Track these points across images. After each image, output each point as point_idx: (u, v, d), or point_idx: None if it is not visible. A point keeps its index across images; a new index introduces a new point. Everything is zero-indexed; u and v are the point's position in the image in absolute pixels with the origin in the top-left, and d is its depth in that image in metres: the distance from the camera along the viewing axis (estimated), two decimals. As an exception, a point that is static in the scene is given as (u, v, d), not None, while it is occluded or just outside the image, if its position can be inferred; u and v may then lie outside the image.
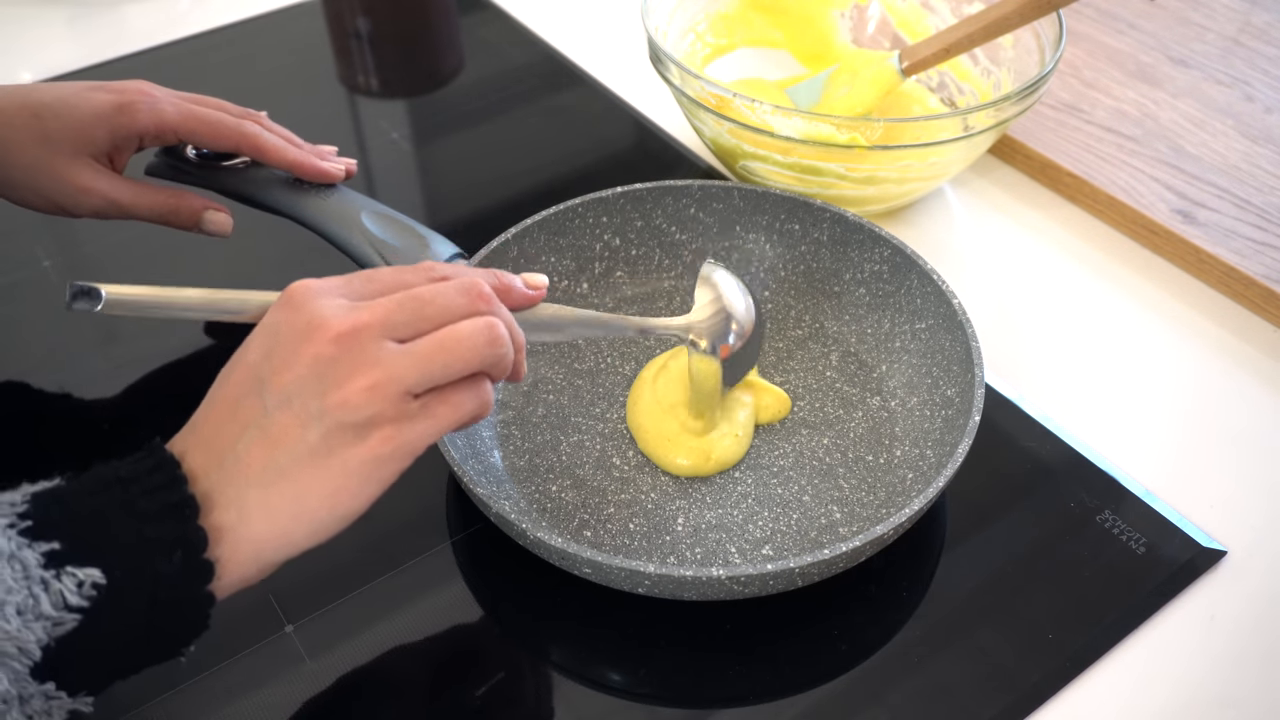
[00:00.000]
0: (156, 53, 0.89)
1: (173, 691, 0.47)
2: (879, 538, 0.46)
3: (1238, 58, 0.82)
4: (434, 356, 0.39)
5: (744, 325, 0.55)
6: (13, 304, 0.67)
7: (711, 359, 0.54)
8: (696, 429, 0.56)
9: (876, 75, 0.71)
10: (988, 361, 0.59)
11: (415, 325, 0.40)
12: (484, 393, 0.41)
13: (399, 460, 0.39)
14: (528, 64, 0.89)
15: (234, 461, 0.38)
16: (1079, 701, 0.48)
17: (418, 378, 0.39)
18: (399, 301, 0.40)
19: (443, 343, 0.39)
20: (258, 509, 0.37)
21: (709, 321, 0.54)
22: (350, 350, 0.38)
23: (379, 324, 0.39)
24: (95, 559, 0.35)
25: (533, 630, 0.50)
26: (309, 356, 0.38)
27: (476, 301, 0.41)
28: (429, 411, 0.40)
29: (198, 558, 0.36)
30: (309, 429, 0.38)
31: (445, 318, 0.40)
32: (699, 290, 0.55)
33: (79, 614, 0.34)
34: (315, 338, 0.38)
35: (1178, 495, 0.55)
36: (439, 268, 0.44)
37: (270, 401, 0.38)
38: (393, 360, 0.38)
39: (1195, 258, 0.67)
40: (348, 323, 0.38)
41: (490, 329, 0.40)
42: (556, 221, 0.62)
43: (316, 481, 0.38)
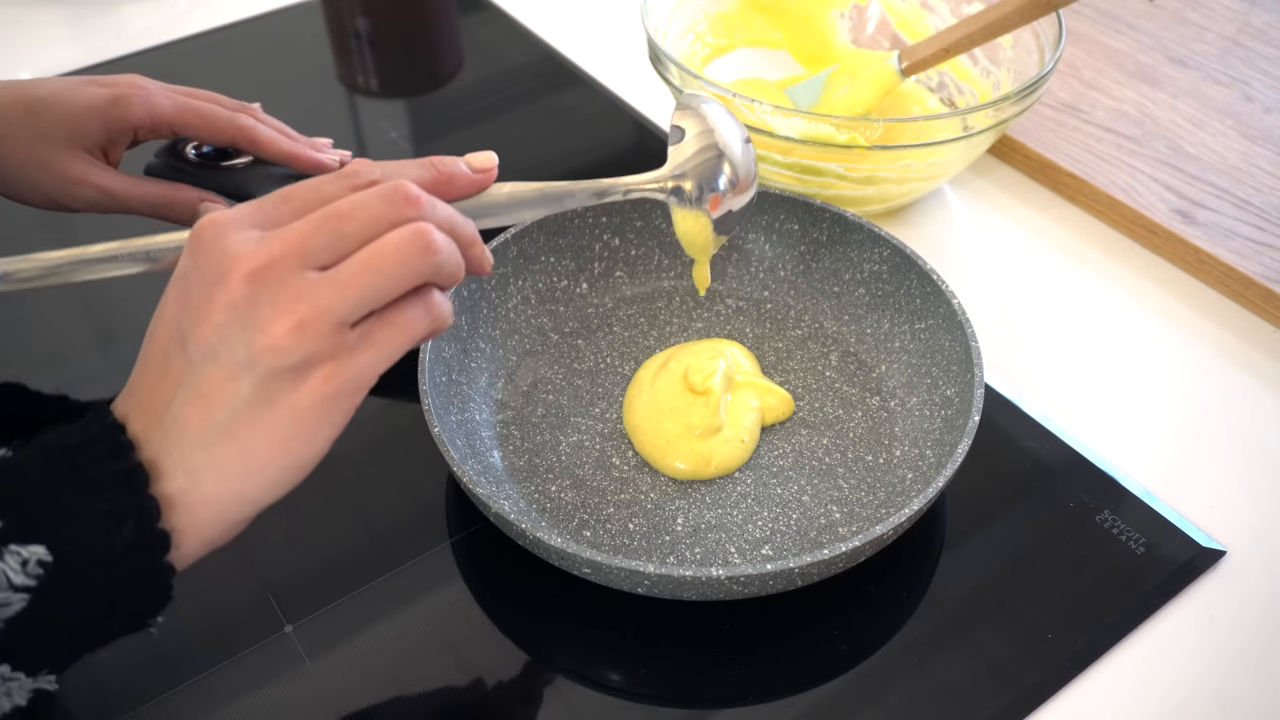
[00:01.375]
0: (156, 53, 0.89)
1: (173, 691, 0.47)
2: (879, 538, 0.46)
3: (1237, 58, 0.82)
4: (361, 279, 0.35)
5: (740, 169, 0.47)
6: (13, 304, 0.67)
7: (699, 213, 0.47)
8: (698, 430, 0.55)
9: (876, 75, 0.71)
10: (987, 361, 0.59)
11: (337, 247, 0.36)
12: (432, 306, 0.37)
13: (348, 397, 0.36)
14: (528, 64, 0.89)
15: (172, 423, 0.35)
16: (1078, 701, 0.48)
17: (348, 306, 0.35)
18: (314, 223, 0.36)
19: (368, 262, 0.35)
20: (207, 471, 0.35)
21: (695, 161, 0.46)
22: (268, 287, 0.34)
23: (295, 252, 0.35)
24: (39, 536, 0.33)
25: (532, 630, 0.50)
26: (224, 301, 0.34)
27: (403, 207, 0.37)
28: (370, 339, 0.36)
29: (151, 528, 0.34)
30: (241, 380, 0.35)
31: (369, 232, 0.36)
32: (681, 121, 0.47)
33: (26, 593, 0.33)
34: (228, 279, 0.34)
35: (1177, 495, 0.55)
36: (364, 172, 0.39)
37: (195, 355, 0.35)
38: (316, 291, 0.35)
39: (1195, 258, 0.67)
40: (260, 257, 0.35)
41: (420, 236, 0.36)
42: (556, 221, 0.62)
43: (261, 434, 0.35)
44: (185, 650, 0.49)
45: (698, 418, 0.55)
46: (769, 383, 0.59)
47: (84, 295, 0.69)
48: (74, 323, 0.67)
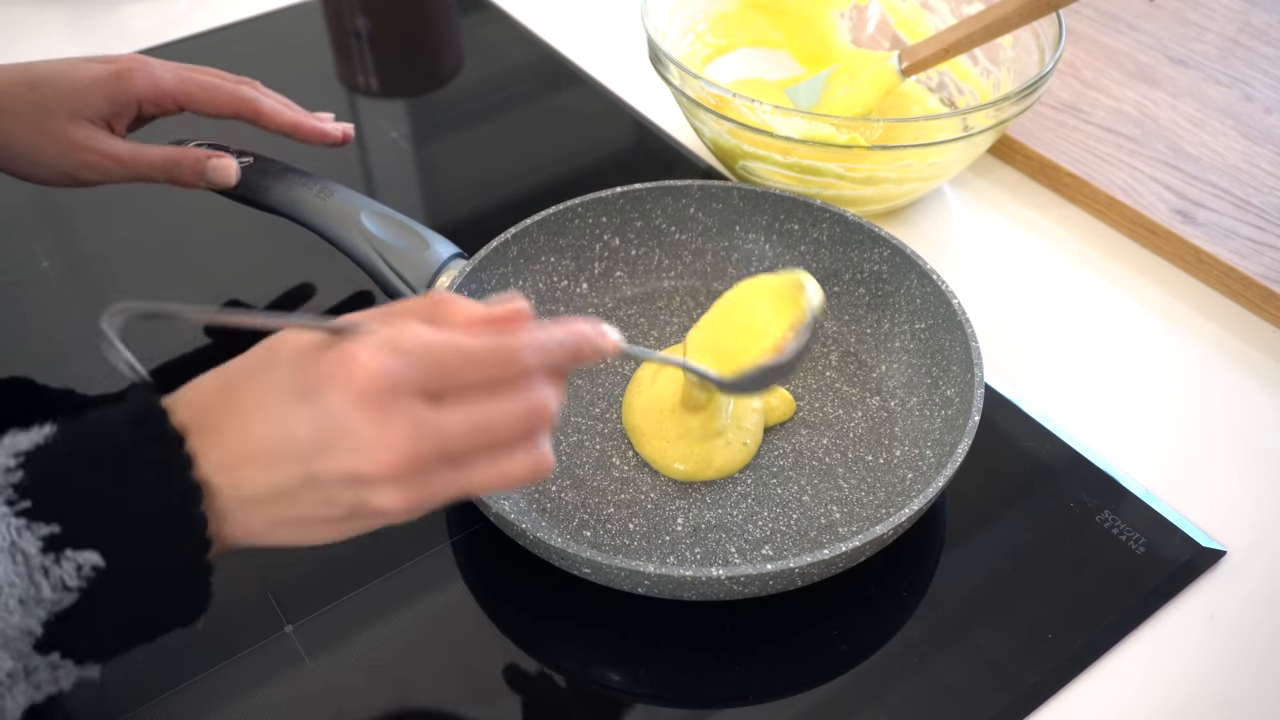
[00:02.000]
0: (156, 53, 0.89)
1: (173, 691, 0.47)
2: (879, 538, 0.46)
3: (1237, 58, 0.82)
4: (466, 446, 0.36)
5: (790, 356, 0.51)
6: (13, 304, 0.67)
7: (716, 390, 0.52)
8: (699, 432, 0.55)
9: (876, 75, 0.71)
10: (987, 361, 0.59)
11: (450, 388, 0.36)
12: (541, 460, 0.38)
13: (398, 519, 0.37)
14: (528, 64, 0.89)
15: (252, 498, 0.36)
16: (1079, 701, 0.48)
17: (454, 449, 0.36)
18: (468, 428, 0.36)
19: (486, 425, 0.36)
20: (259, 533, 0.37)
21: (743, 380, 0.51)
22: (405, 478, 0.36)
23: (439, 452, 0.36)
24: (93, 541, 0.34)
25: (532, 630, 0.50)
26: (364, 475, 0.35)
27: (522, 393, 0.37)
28: (462, 480, 0.37)
29: (198, 540, 0.36)
30: (334, 509, 0.36)
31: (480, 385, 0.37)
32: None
33: (78, 593, 0.34)
34: (374, 459, 0.35)
35: (1177, 495, 0.55)
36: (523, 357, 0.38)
37: (309, 487, 0.36)
38: (442, 485, 0.36)
39: (1195, 258, 0.67)
40: (407, 453, 0.35)
41: (536, 459, 0.37)
42: (556, 221, 0.62)
43: (324, 530, 0.38)
44: (185, 650, 0.49)
45: (699, 420, 0.55)
46: None
47: (84, 295, 0.69)
48: (74, 323, 0.67)
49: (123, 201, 0.74)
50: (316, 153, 0.78)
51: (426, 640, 0.50)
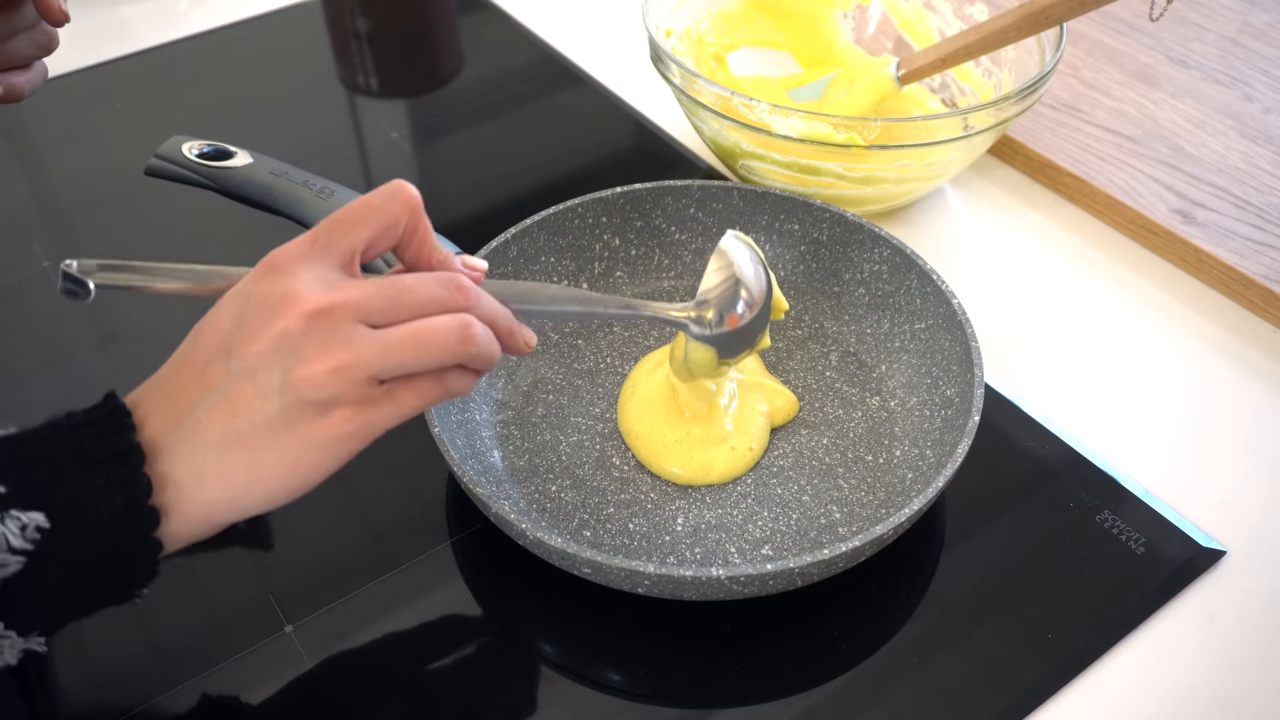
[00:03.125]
0: (156, 53, 0.89)
1: (173, 691, 0.47)
2: (879, 538, 0.46)
3: (1237, 58, 0.82)
4: (404, 348, 0.39)
5: (754, 294, 0.52)
6: (13, 304, 0.67)
7: (707, 348, 0.52)
8: (700, 439, 0.55)
9: (872, 81, 0.71)
10: (987, 361, 0.59)
11: (391, 313, 0.39)
12: (450, 382, 0.41)
13: (358, 440, 0.39)
14: (528, 64, 0.89)
15: (193, 423, 0.38)
16: (1079, 701, 0.48)
17: (385, 366, 0.38)
18: (378, 286, 0.39)
19: (415, 334, 0.39)
20: (212, 472, 0.38)
21: (716, 291, 0.51)
22: (321, 329, 0.38)
23: (355, 306, 0.38)
24: (38, 503, 0.35)
25: (532, 630, 0.50)
26: (279, 329, 0.38)
27: (456, 295, 0.41)
28: (393, 397, 0.39)
29: (142, 503, 0.36)
30: (269, 400, 0.38)
31: (423, 309, 0.40)
32: (712, 261, 0.52)
33: (23, 556, 0.35)
34: (288, 311, 0.38)
35: (1177, 495, 0.55)
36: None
37: (235, 368, 0.38)
38: (363, 345, 0.38)
39: (1195, 258, 0.67)
40: (324, 301, 0.38)
41: (465, 327, 0.40)
42: (556, 221, 0.62)
43: (272, 452, 0.38)
44: (185, 650, 0.49)
45: (700, 426, 0.55)
46: (776, 383, 0.59)
47: (84, 295, 0.69)
48: (74, 323, 0.67)
49: (123, 201, 0.74)
50: (316, 153, 0.79)
51: (426, 640, 0.50)
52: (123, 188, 0.75)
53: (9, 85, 0.57)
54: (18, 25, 0.55)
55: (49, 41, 0.57)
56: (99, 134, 0.81)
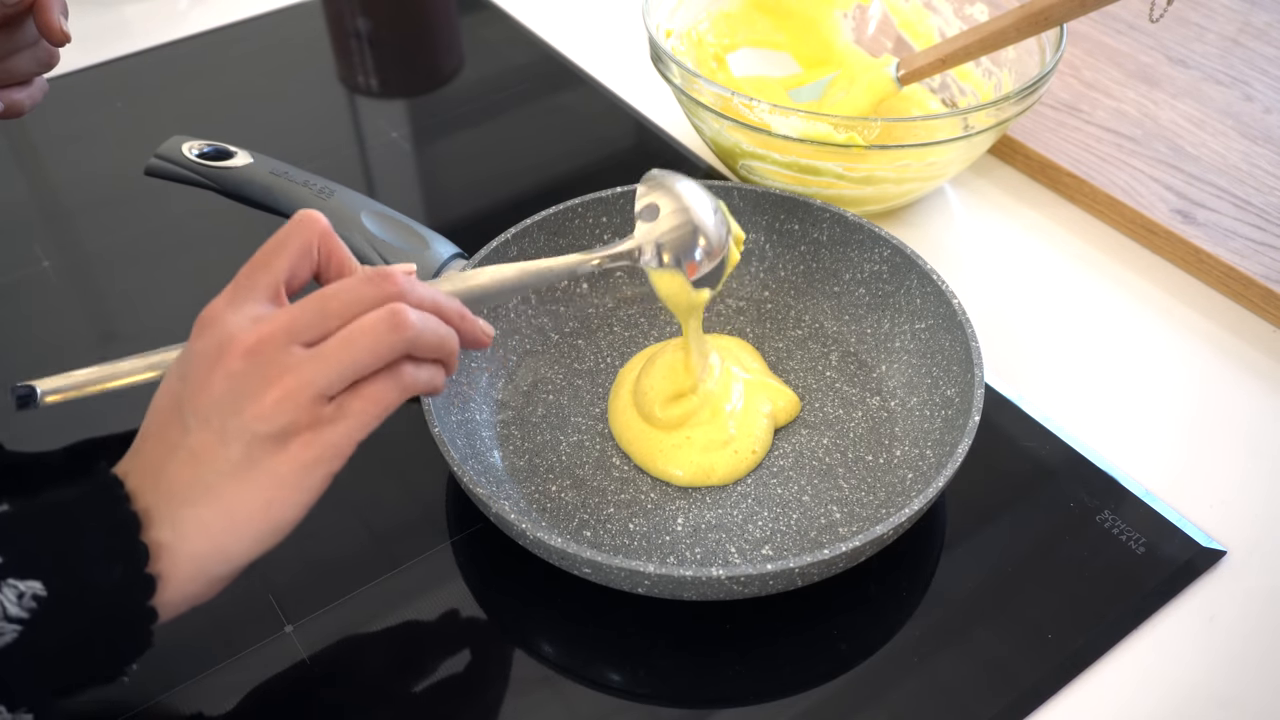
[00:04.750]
0: (156, 53, 0.89)
1: (173, 691, 0.47)
2: (879, 538, 0.46)
3: (1237, 58, 0.82)
4: (338, 354, 0.38)
5: (712, 238, 0.50)
6: (13, 304, 0.67)
7: (675, 272, 0.50)
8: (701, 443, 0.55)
9: (872, 82, 0.71)
10: (987, 361, 0.59)
11: (321, 325, 0.39)
12: (402, 377, 0.40)
13: (326, 464, 0.39)
14: (528, 64, 0.89)
15: (165, 482, 0.38)
16: (1079, 701, 0.48)
17: (327, 379, 0.38)
18: (302, 305, 0.39)
19: (346, 338, 0.39)
20: (192, 525, 0.38)
21: (671, 235, 0.50)
22: (259, 363, 0.38)
23: (284, 331, 0.38)
24: (36, 572, 0.35)
25: (532, 630, 0.50)
26: (221, 374, 0.38)
27: (382, 286, 0.40)
28: (345, 410, 0.39)
29: (139, 572, 0.37)
30: (229, 445, 0.38)
31: (351, 311, 0.39)
32: (654, 199, 0.50)
33: (19, 625, 0.35)
34: (225, 357, 0.38)
35: (1177, 495, 0.55)
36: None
37: (191, 423, 0.38)
38: (299, 366, 0.38)
39: (1195, 258, 0.67)
40: (253, 335, 0.38)
41: (393, 315, 0.39)
42: (556, 221, 0.62)
43: (245, 494, 0.38)
44: (185, 650, 0.49)
45: (700, 431, 0.55)
46: (778, 382, 0.59)
47: (84, 295, 0.69)
48: (74, 323, 0.67)
49: (123, 201, 0.74)
50: (316, 153, 0.79)
51: (426, 640, 0.50)
52: (123, 188, 0.75)
53: (10, 101, 0.57)
54: (19, 43, 0.56)
55: (49, 59, 0.58)
56: (99, 134, 0.81)
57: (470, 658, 0.49)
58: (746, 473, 0.55)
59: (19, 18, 0.55)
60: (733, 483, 0.55)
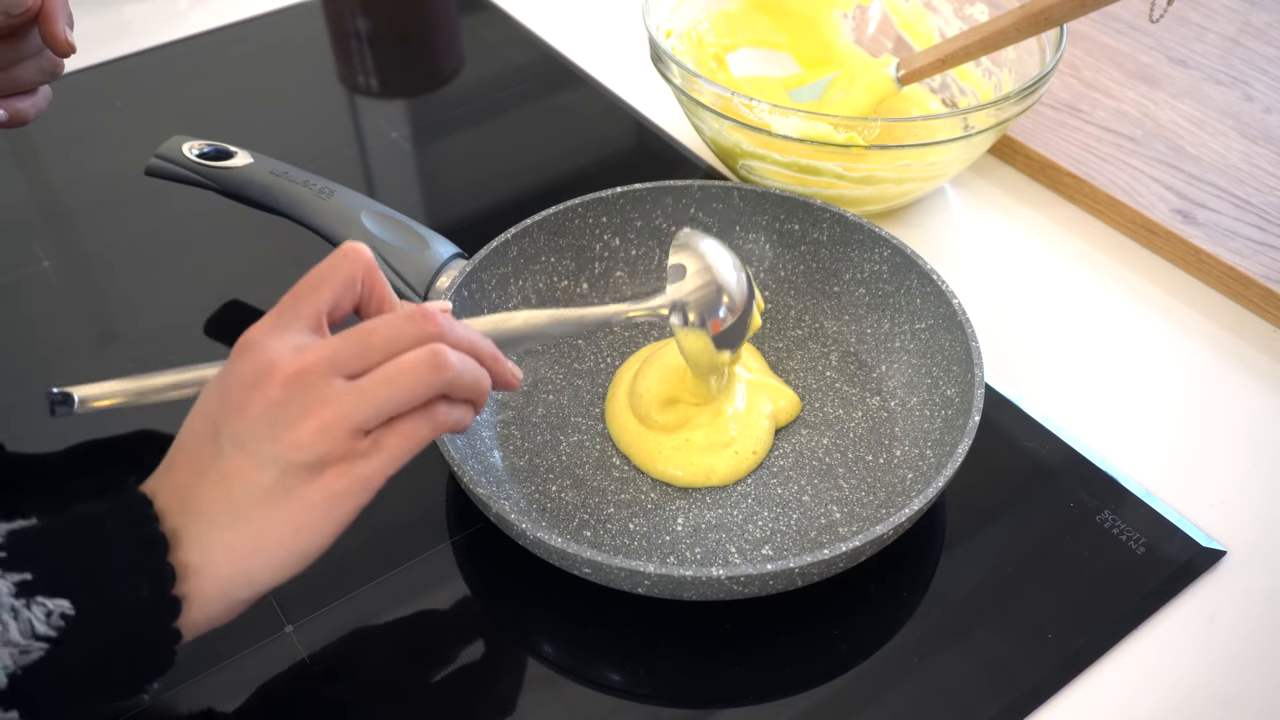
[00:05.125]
0: (156, 53, 0.89)
1: (173, 691, 0.47)
2: (879, 538, 0.46)
3: (1237, 58, 0.82)
4: (379, 390, 0.39)
5: (735, 297, 0.52)
6: (13, 304, 0.67)
7: (700, 332, 0.52)
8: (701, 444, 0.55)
9: (872, 82, 0.71)
10: (988, 361, 0.59)
11: (363, 359, 0.39)
12: (436, 415, 0.41)
13: (355, 496, 0.39)
14: (528, 64, 0.89)
15: (195, 503, 0.38)
16: (1079, 701, 0.48)
17: (366, 413, 0.39)
18: (345, 337, 0.40)
19: (387, 375, 0.39)
20: (220, 549, 0.38)
21: (696, 295, 0.51)
22: (299, 391, 0.38)
23: (326, 363, 0.39)
24: (64, 590, 0.35)
25: (532, 630, 0.50)
26: (260, 401, 0.38)
27: (423, 324, 0.41)
28: (380, 445, 0.39)
29: (165, 592, 0.37)
30: (263, 471, 0.38)
31: (392, 348, 0.40)
32: (680, 260, 0.52)
33: (46, 643, 0.35)
34: (266, 382, 0.38)
35: (1178, 495, 0.55)
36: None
37: (226, 445, 0.39)
38: (339, 398, 0.38)
39: (1195, 258, 0.67)
40: (295, 365, 0.39)
41: (434, 355, 0.40)
42: (556, 221, 0.62)
43: (274, 520, 0.38)
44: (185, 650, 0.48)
45: (701, 432, 0.55)
46: (779, 382, 0.59)
47: (84, 295, 0.69)
48: (74, 323, 0.67)
49: (123, 201, 0.74)
50: (316, 153, 0.79)
51: (426, 640, 0.50)
52: (123, 188, 0.75)
53: (14, 110, 0.57)
54: (23, 52, 0.56)
55: (54, 68, 0.58)
56: (99, 134, 0.81)
57: (470, 658, 0.49)
58: (747, 473, 0.55)
59: (23, 27, 0.55)
60: (733, 483, 0.55)
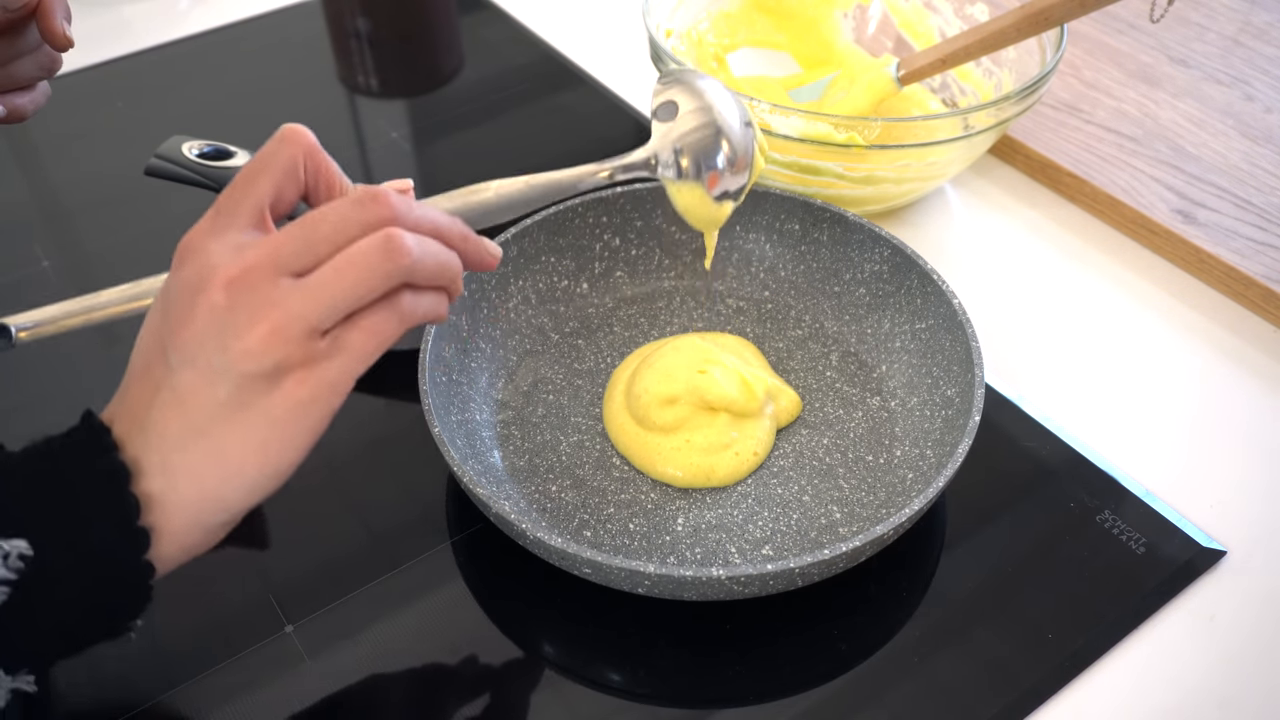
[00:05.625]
0: (156, 53, 0.89)
1: (173, 691, 0.47)
2: (879, 538, 0.46)
3: (1238, 58, 0.82)
4: (329, 285, 0.35)
5: (738, 148, 0.46)
6: (13, 304, 0.67)
7: (695, 185, 0.46)
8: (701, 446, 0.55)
9: (872, 82, 0.71)
10: (988, 361, 0.59)
11: (309, 253, 0.36)
12: (401, 307, 0.37)
13: (323, 402, 0.36)
14: (528, 64, 0.89)
15: (152, 426, 0.36)
16: (1079, 701, 0.48)
17: (319, 312, 0.35)
18: (288, 231, 0.36)
19: (337, 267, 0.35)
20: (183, 473, 0.36)
21: (691, 137, 0.45)
22: (244, 295, 0.35)
23: (269, 261, 0.35)
24: (20, 530, 0.33)
25: (533, 630, 0.50)
26: (204, 309, 0.35)
27: (373, 208, 0.36)
28: (340, 345, 0.36)
29: (131, 525, 0.35)
30: (217, 385, 0.35)
31: (341, 237, 0.36)
32: (673, 96, 0.46)
33: (7, 587, 0.33)
34: (208, 288, 0.35)
35: (1178, 495, 0.55)
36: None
37: (175, 361, 0.36)
38: (287, 298, 0.35)
39: (1195, 258, 0.67)
40: (236, 266, 0.35)
41: (387, 241, 0.36)
42: (556, 221, 0.62)
43: (237, 437, 0.35)
44: (185, 650, 0.49)
45: (701, 434, 0.55)
46: (781, 382, 0.59)
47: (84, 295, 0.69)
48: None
49: (123, 201, 0.74)
50: (317, 153, 0.79)
51: (426, 640, 0.50)
52: (123, 188, 0.75)
53: (12, 107, 0.57)
54: (21, 49, 0.56)
55: (52, 64, 0.58)
56: (99, 134, 0.81)
57: (470, 658, 0.49)
58: (747, 474, 0.55)
59: (21, 23, 0.55)
60: (733, 484, 0.55)
